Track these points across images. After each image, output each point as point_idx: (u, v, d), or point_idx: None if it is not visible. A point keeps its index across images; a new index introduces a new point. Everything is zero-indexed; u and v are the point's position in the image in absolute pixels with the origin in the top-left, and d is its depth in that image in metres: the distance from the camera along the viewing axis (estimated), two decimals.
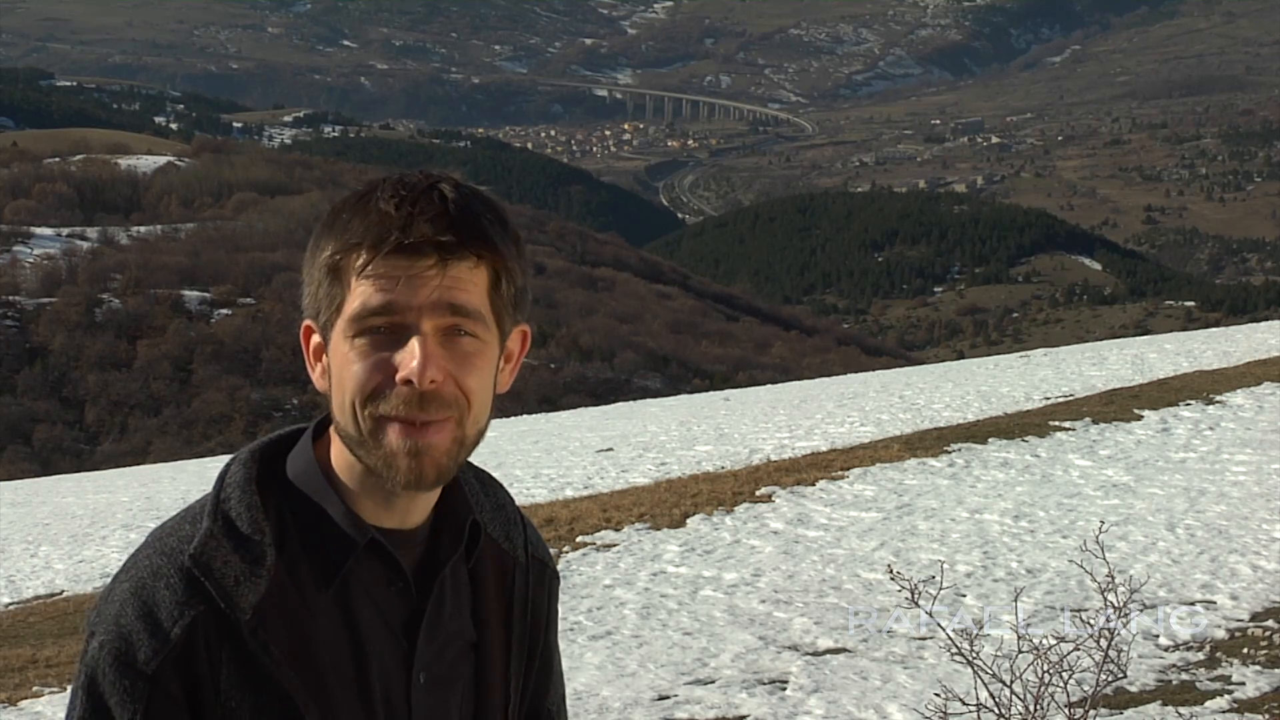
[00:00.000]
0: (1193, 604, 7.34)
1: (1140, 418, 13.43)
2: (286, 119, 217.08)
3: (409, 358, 1.38)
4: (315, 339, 1.47)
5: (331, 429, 1.49)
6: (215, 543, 1.43)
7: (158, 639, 1.39)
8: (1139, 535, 8.88)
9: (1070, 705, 4.66)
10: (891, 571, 5.43)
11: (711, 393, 34.00)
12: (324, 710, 1.42)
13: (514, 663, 1.59)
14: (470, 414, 1.42)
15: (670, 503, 11.01)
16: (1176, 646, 6.69)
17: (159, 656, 1.39)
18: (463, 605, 1.54)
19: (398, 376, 1.38)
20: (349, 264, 1.40)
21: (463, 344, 1.41)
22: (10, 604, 11.49)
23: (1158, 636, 6.82)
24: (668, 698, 6.49)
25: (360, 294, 1.40)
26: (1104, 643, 4.46)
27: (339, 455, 1.48)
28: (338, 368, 1.43)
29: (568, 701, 6.48)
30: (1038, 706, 4.36)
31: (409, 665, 1.48)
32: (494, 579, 1.58)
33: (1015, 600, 6.00)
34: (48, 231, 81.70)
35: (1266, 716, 5.61)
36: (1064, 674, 4.42)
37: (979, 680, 4.41)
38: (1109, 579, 4.70)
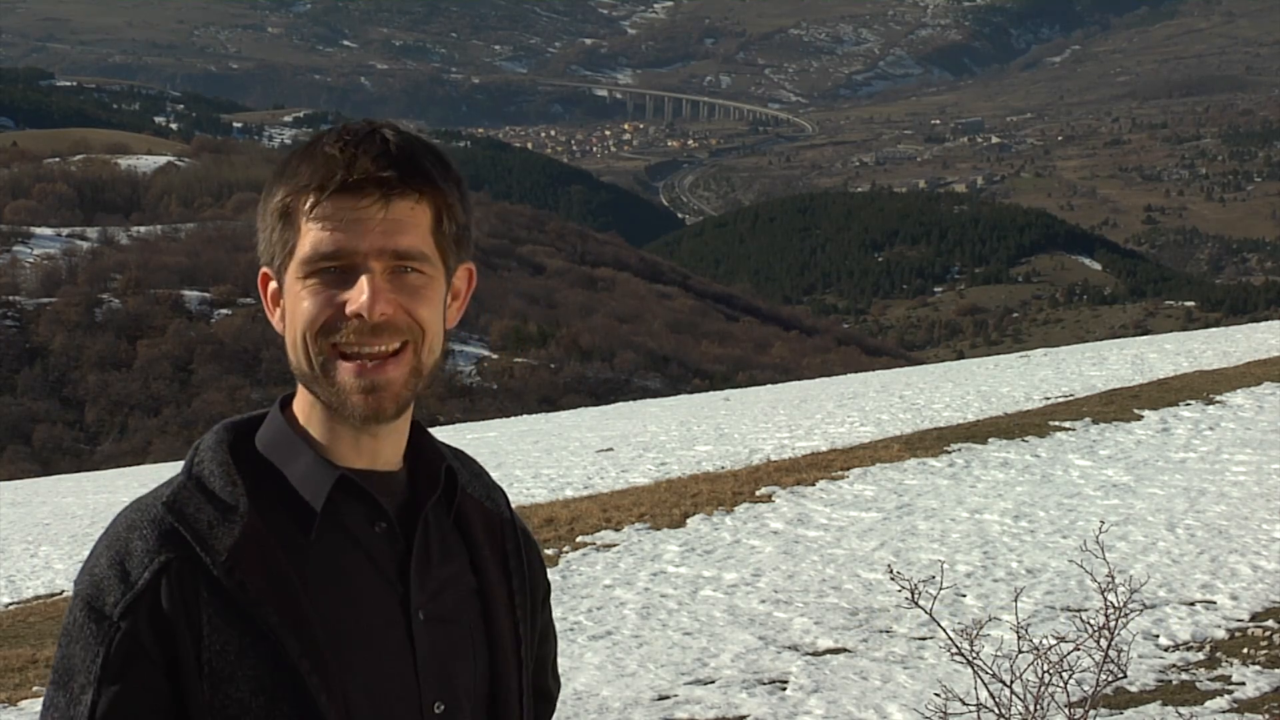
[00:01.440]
0: (1193, 604, 7.35)
1: (1140, 418, 13.43)
2: (286, 119, 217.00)
3: (358, 293, 1.45)
4: (272, 285, 1.53)
5: (297, 396, 1.55)
6: (188, 493, 1.48)
7: (125, 584, 1.43)
8: (1139, 535, 8.88)
9: (1070, 705, 4.66)
10: (891, 571, 5.43)
11: (711, 393, 34.00)
12: (306, 644, 1.44)
13: (520, 611, 1.63)
14: (425, 342, 1.49)
15: (670, 503, 11.01)
16: (1176, 646, 6.69)
17: (125, 601, 1.42)
18: (453, 552, 1.58)
19: (348, 310, 1.45)
20: (298, 207, 1.47)
21: (410, 279, 1.48)
22: (10, 604, 11.49)
23: (1158, 636, 6.82)
24: (668, 698, 6.49)
25: (310, 238, 1.46)
26: (1104, 643, 4.47)
27: (304, 407, 1.53)
28: (290, 306, 1.49)
29: (568, 702, 6.49)
30: (1038, 706, 4.36)
31: (406, 606, 1.52)
32: (483, 532, 1.62)
33: (1015, 600, 5.99)
34: (48, 231, 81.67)
35: (1266, 716, 5.61)
36: (1064, 674, 4.42)
37: (979, 680, 4.41)
38: (1109, 579, 4.70)
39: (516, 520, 1.69)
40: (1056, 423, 13.45)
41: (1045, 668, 4.40)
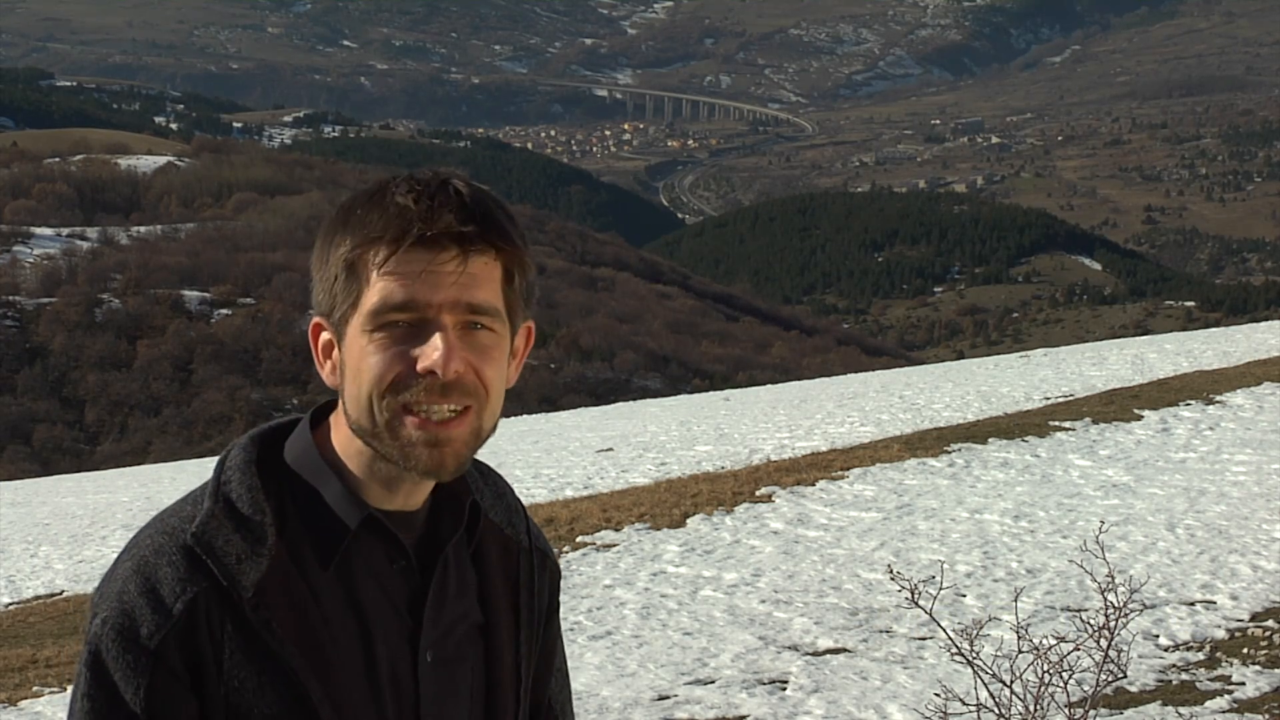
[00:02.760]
0: (1193, 604, 7.34)
1: (1140, 418, 13.43)
2: (286, 119, 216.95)
3: (431, 350, 1.41)
4: (325, 336, 1.49)
5: (332, 417, 1.51)
6: (217, 523, 1.45)
7: (160, 614, 1.41)
8: (1139, 535, 8.88)
9: (1070, 705, 4.66)
10: (891, 571, 5.43)
11: (711, 393, 34.00)
12: (327, 686, 1.44)
13: (523, 646, 1.61)
14: (488, 405, 1.45)
15: (670, 503, 11.01)
16: (1176, 646, 6.69)
17: (161, 631, 1.41)
18: (467, 587, 1.56)
19: (420, 367, 1.41)
20: (368, 259, 1.43)
21: (480, 337, 1.44)
22: (10, 604, 11.49)
23: (1158, 636, 6.82)
24: (668, 698, 6.49)
25: (380, 289, 1.42)
26: (1104, 643, 4.46)
27: (344, 442, 1.49)
28: (354, 361, 1.44)
29: None
30: (1038, 706, 4.36)
31: (415, 644, 1.50)
32: (498, 563, 1.60)
33: (1015, 600, 5.99)
34: (48, 231, 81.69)
35: (1266, 716, 5.61)
36: (1064, 674, 4.42)
37: (979, 680, 4.41)
38: (1109, 579, 4.70)
39: (535, 541, 1.66)
40: (1056, 423, 13.45)
41: (1045, 668, 4.40)
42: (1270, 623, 6.89)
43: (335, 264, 1.45)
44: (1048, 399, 16.80)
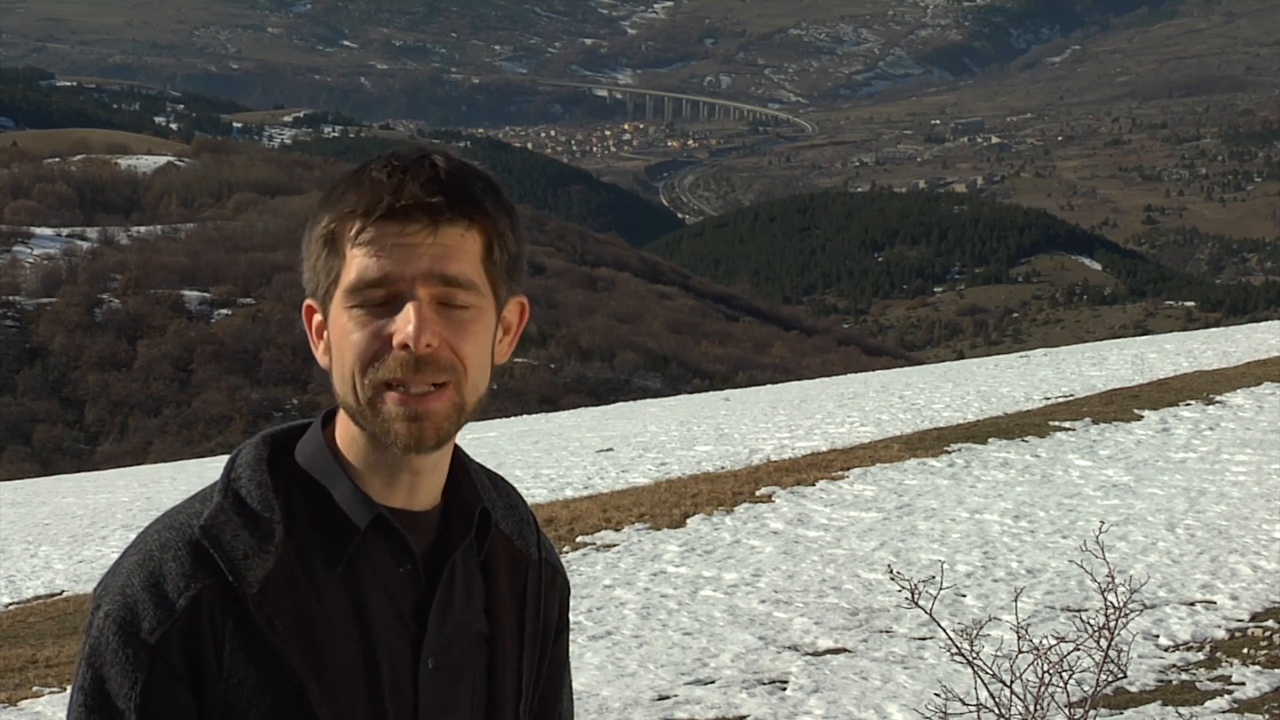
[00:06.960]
0: (1193, 604, 7.34)
1: (1140, 418, 13.43)
2: (286, 119, 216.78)
3: (404, 323, 1.40)
4: (317, 317, 1.49)
5: (339, 413, 1.51)
6: (225, 517, 1.45)
7: (163, 610, 1.40)
8: (1139, 535, 8.88)
9: (1070, 705, 4.66)
10: (891, 571, 5.43)
11: (711, 393, 33.99)
12: (326, 688, 1.43)
13: (527, 659, 1.59)
14: (468, 380, 1.44)
15: (670, 503, 11.01)
16: (1176, 646, 6.69)
17: (163, 627, 1.40)
18: (474, 595, 1.55)
19: (394, 341, 1.41)
20: (343, 233, 1.44)
21: (457, 311, 1.44)
22: (10, 604, 11.49)
23: (1158, 636, 6.82)
24: (668, 698, 6.49)
25: (356, 265, 1.42)
26: (1104, 643, 4.47)
27: (344, 435, 1.49)
28: (337, 339, 1.45)
29: None
30: (1038, 706, 4.36)
31: (417, 651, 1.49)
32: (506, 574, 1.59)
33: (1015, 600, 6.00)
34: (48, 231, 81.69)
35: (1266, 716, 5.61)
36: (1064, 674, 4.42)
37: (979, 680, 4.41)
38: (1109, 579, 4.70)
39: (545, 554, 1.65)
40: (1056, 423, 13.45)
41: (1045, 668, 4.40)
42: (1270, 623, 6.89)
43: (316, 241, 1.46)
44: (1048, 399, 16.80)
